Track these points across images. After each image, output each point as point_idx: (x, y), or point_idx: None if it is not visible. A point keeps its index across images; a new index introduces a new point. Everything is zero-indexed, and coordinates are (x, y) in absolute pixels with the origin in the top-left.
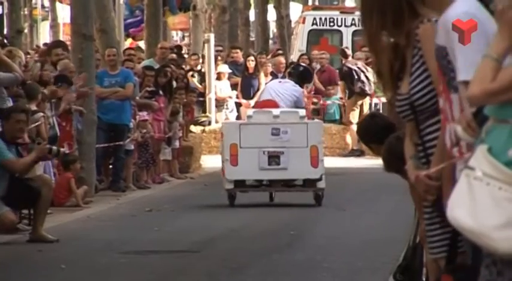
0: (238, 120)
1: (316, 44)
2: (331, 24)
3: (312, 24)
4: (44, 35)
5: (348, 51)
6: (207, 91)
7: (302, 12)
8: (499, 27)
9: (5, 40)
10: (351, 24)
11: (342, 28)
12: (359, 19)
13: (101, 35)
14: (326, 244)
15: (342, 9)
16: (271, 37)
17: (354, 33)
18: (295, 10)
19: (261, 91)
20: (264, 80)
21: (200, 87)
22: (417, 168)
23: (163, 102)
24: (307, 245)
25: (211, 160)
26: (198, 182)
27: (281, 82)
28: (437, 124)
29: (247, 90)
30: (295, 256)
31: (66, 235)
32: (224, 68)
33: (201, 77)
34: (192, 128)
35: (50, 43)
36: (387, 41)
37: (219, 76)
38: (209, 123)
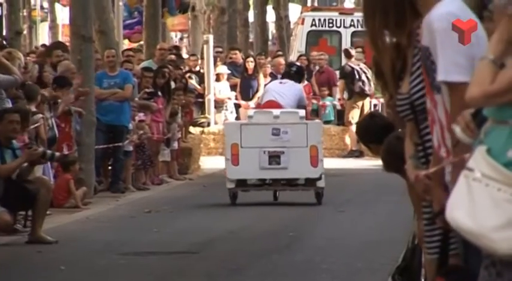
0: (237, 120)
1: (315, 45)
2: (330, 25)
3: (311, 25)
4: (43, 37)
5: (352, 51)
6: (206, 92)
7: (301, 13)
8: (498, 28)
9: (4, 41)
10: (350, 25)
11: (341, 29)
12: (358, 20)
13: (100, 36)
14: (325, 245)
15: (341, 10)
16: (270, 38)
17: (353, 34)
18: (294, 11)
19: (263, 92)
20: (263, 81)
21: (199, 88)
22: (416, 168)
23: (161, 103)
24: (306, 246)
25: (210, 161)
26: (197, 183)
27: (282, 83)
28: None
29: (246, 91)
30: (294, 257)
31: (65, 236)
32: (223, 69)
33: (200, 78)
34: (191, 129)
35: (50, 44)
36: (389, 41)
37: (218, 77)
38: (208, 124)
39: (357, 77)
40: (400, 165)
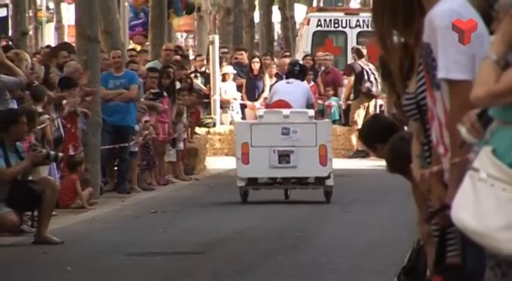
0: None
1: (320, 46)
2: (335, 25)
3: (317, 25)
4: (49, 37)
5: (364, 51)
6: (212, 93)
7: (307, 13)
8: (501, 28)
9: (10, 42)
10: (356, 25)
11: (347, 29)
12: (364, 20)
13: (106, 37)
14: (331, 245)
15: (347, 10)
16: (275, 39)
17: (359, 34)
18: (299, 11)
19: (271, 93)
20: (269, 82)
21: (205, 88)
22: (422, 167)
23: (167, 103)
24: (312, 246)
25: (216, 162)
26: (203, 183)
27: (289, 83)
28: None
29: (252, 91)
30: (300, 258)
31: (71, 237)
32: (229, 69)
33: (206, 79)
34: (197, 130)
35: (56, 45)
36: (397, 41)
37: (224, 77)
38: (214, 125)
39: (366, 78)
40: (404, 166)
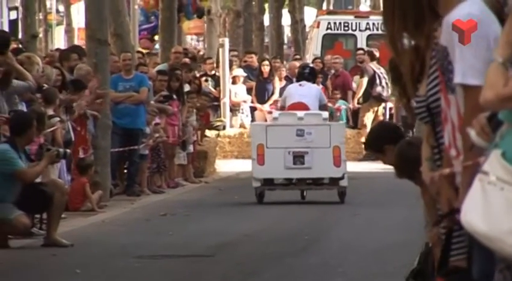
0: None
1: (330, 49)
2: (345, 28)
3: (327, 28)
4: (59, 40)
5: (377, 53)
6: (222, 95)
7: (316, 16)
8: (505, 29)
9: (20, 45)
10: (366, 28)
11: (357, 32)
12: (373, 23)
13: (116, 40)
14: (341, 249)
15: (357, 13)
16: (285, 42)
17: (369, 37)
18: (309, 14)
19: (284, 95)
20: (279, 85)
21: (215, 91)
22: (432, 170)
23: (177, 106)
24: (322, 249)
25: (225, 164)
26: (213, 186)
27: (301, 85)
28: None
29: (261, 94)
30: (309, 260)
31: (80, 240)
32: (239, 72)
33: (216, 82)
34: (207, 133)
35: (67, 48)
36: (408, 43)
37: (234, 80)
38: (224, 127)
39: (378, 82)
40: (412, 171)
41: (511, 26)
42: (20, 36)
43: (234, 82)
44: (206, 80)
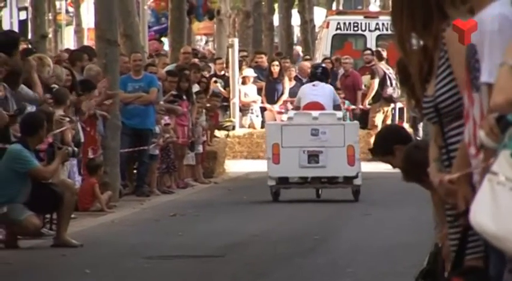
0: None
1: (340, 49)
2: (355, 28)
3: (336, 28)
4: (68, 40)
5: (384, 53)
6: (231, 96)
7: (326, 16)
8: None
9: (30, 45)
10: (375, 28)
11: (366, 33)
12: (383, 24)
13: (125, 40)
14: (350, 249)
15: (366, 13)
16: (295, 42)
17: (378, 37)
18: (319, 15)
19: (299, 96)
20: (288, 85)
21: (224, 92)
22: (440, 171)
23: (186, 106)
24: (331, 249)
25: (235, 165)
26: (222, 187)
27: (314, 85)
28: (461, 127)
29: (271, 94)
30: (318, 261)
31: (90, 240)
32: (249, 72)
33: (225, 82)
34: (216, 133)
35: (78, 48)
36: (417, 43)
37: (244, 80)
38: (233, 128)
39: (388, 83)
40: (420, 174)
41: None
42: (30, 36)
43: (244, 82)
44: (215, 82)
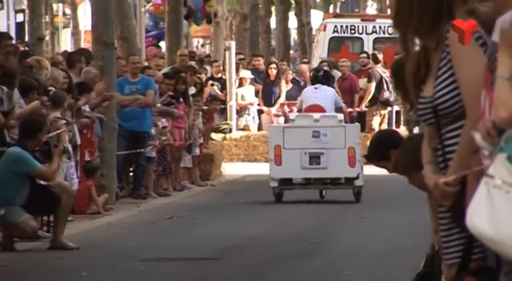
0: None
1: (337, 52)
2: (352, 31)
3: (333, 31)
4: (65, 43)
5: (380, 56)
6: (228, 98)
7: (323, 19)
8: (501, 47)
9: (27, 47)
10: (372, 31)
11: (363, 36)
12: (380, 27)
13: (122, 43)
14: (346, 252)
15: (363, 16)
16: (292, 45)
17: (375, 40)
18: (316, 17)
19: (301, 99)
20: (285, 88)
21: (221, 94)
22: (435, 173)
23: (183, 109)
24: (327, 252)
25: (232, 168)
26: (219, 189)
27: (316, 88)
28: (458, 130)
29: (268, 97)
30: (315, 264)
31: (86, 242)
32: (246, 74)
33: (222, 85)
34: (213, 136)
35: (75, 50)
36: (415, 44)
37: (241, 82)
38: (230, 130)
39: (385, 87)
40: (416, 161)
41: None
42: (27, 38)
43: (241, 84)
44: (212, 84)
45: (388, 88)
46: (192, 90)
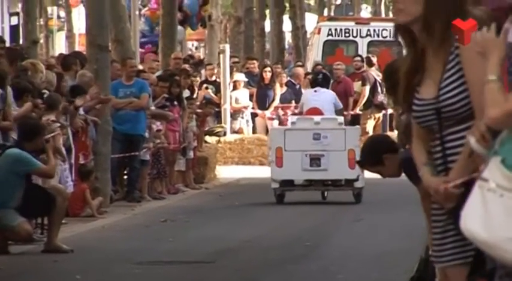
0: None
1: (331, 55)
2: (346, 35)
3: (328, 35)
4: (60, 46)
5: (374, 59)
6: (222, 102)
7: (317, 23)
8: (488, 54)
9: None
10: (366, 35)
11: (358, 39)
12: (374, 30)
13: (116, 46)
14: (341, 255)
15: (358, 20)
16: (286, 48)
17: (369, 44)
18: (310, 21)
19: (301, 102)
20: (279, 91)
21: (215, 98)
22: (432, 175)
23: (177, 112)
24: (322, 255)
25: (226, 171)
26: (213, 192)
27: (316, 91)
28: (462, 132)
29: (262, 100)
30: (310, 267)
31: (81, 245)
32: (240, 77)
33: (217, 88)
34: (208, 139)
35: (70, 53)
36: (409, 47)
37: (235, 85)
38: (224, 133)
39: (379, 90)
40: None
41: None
42: (21, 42)
43: (235, 87)
44: (207, 88)
45: (383, 91)
46: (186, 93)
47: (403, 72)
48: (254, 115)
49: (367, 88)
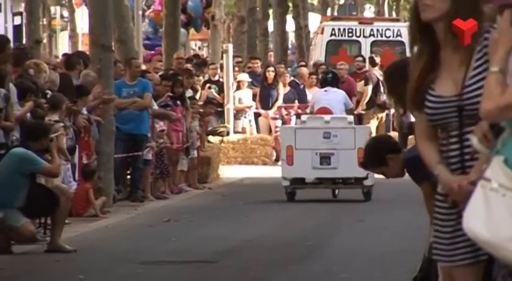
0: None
1: (334, 55)
2: (349, 34)
3: (331, 34)
4: (63, 46)
5: (377, 59)
6: (225, 101)
7: (321, 22)
8: (499, 44)
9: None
10: (370, 34)
11: (361, 38)
12: (377, 30)
13: (120, 46)
14: (344, 255)
15: (361, 19)
16: (289, 47)
17: (373, 43)
18: (314, 20)
19: (312, 101)
20: (283, 91)
21: (218, 97)
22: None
23: (180, 112)
24: (325, 255)
25: (229, 171)
26: (216, 192)
27: (326, 91)
28: None
29: (265, 100)
30: (313, 267)
31: (84, 245)
32: (244, 77)
33: (220, 88)
34: (211, 139)
35: (72, 53)
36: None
37: (239, 85)
38: (227, 133)
39: (382, 89)
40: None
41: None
42: (24, 41)
43: (239, 87)
44: (210, 87)
45: (385, 91)
46: (189, 93)
47: (418, 70)
48: (257, 115)
49: (369, 88)
